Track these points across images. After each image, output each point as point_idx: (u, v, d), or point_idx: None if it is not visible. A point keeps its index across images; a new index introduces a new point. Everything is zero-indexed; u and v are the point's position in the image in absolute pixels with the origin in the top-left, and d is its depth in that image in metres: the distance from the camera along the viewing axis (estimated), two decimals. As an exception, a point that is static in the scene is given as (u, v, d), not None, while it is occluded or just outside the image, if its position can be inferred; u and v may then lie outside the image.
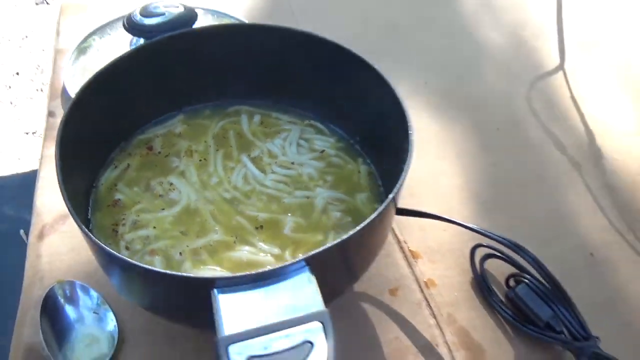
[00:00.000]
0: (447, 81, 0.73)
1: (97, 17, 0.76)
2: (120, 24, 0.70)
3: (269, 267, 0.31)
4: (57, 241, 0.52)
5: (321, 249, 0.32)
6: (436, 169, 0.61)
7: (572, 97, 0.73)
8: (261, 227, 0.44)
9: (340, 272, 0.39)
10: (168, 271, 0.32)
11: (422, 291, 0.50)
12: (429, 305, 0.49)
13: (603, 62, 0.78)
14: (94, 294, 0.47)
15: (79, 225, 0.34)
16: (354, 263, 0.40)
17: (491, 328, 0.47)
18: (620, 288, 0.52)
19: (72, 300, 0.47)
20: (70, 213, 0.35)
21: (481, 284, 0.49)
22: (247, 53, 0.53)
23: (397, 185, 0.36)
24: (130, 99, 0.50)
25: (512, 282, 0.49)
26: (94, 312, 0.47)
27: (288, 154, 0.50)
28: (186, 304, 0.35)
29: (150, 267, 0.32)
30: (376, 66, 0.46)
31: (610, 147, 0.67)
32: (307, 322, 0.29)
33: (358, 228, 0.33)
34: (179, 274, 0.31)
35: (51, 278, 0.49)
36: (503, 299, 0.49)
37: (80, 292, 0.47)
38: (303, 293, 0.30)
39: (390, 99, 0.43)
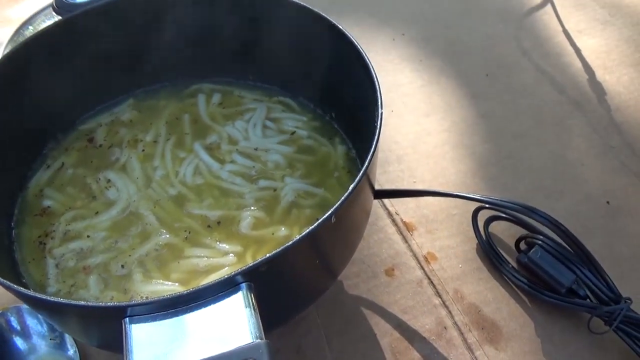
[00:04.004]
0: (426, 29, 0.66)
1: (34, 5, 0.67)
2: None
3: (189, 289, 0.24)
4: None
5: (259, 260, 0.25)
6: (423, 128, 0.55)
7: (565, 31, 0.66)
8: (218, 223, 0.38)
9: (299, 281, 0.31)
10: (67, 301, 0.25)
11: (422, 267, 0.43)
12: (431, 282, 0.43)
13: (594, -12, 0.71)
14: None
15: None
16: (319, 267, 0.32)
17: (505, 300, 0.41)
18: (644, 236, 0.46)
19: (21, 328, 0.41)
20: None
21: (488, 251, 0.43)
22: (199, 21, 0.45)
23: (362, 171, 0.29)
24: (63, 82, 0.42)
25: (523, 246, 0.43)
26: (50, 339, 0.41)
27: (251, 138, 0.43)
28: (107, 337, 0.28)
29: (47, 298, 0.25)
30: (341, 25, 0.39)
31: (612, 80, 0.60)
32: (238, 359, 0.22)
33: (307, 231, 0.26)
34: (79, 303, 0.24)
35: (-2, 305, 0.43)
36: (515, 266, 0.43)
37: (29, 319, 0.41)
38: (234, 319, 0.23)
39: (359, 65, 0.36)
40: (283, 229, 0.37)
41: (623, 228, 0.47)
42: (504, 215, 0.44)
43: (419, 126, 0.55)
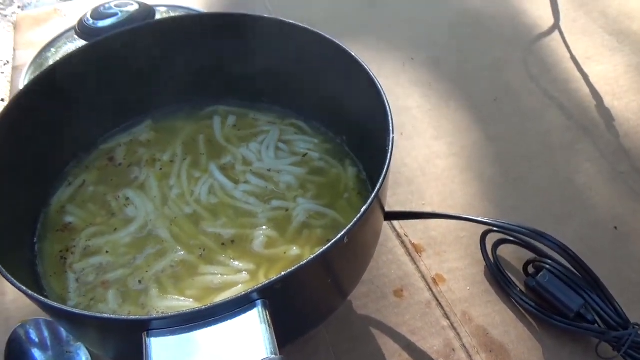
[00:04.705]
0: (436, 54, 0.67)
1: (56, 28, 0.70)
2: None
3: (207, 305, 0.25)
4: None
5: (275, 277, 0.26)
6: (432, 151, 0.56)
7: (573, 57, 0.67)
8: (232, 242, 0.39)
9: (311, 299, 0.32)
10: (91, 313, 0.26)
11: (430, 289, 0.44)
12: (439, 304, 0.43)
13: (601, 16, 0.72)
14: (62, 331, 0.41)
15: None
16: (331, 286, 0.33)
17: (513, 323, 0.42)
18: (652, 262, 0.46)
19: (39, 340, 0.42)
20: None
21: (496, 274, 0.44)
22: (214, 47, 0.47)
23: (374, 193, 0.30)
24: (86, 104, 0.44)
25: (531, 269, 0.43)
26: (66, 352, 0.42)
27: (264, 159, 0.45)
28: (124, 350, 0.29)
29: (68, 309, 0.26)
30: (353, 52, 0.40)
31: (621, 107, 0.61)
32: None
33: (321, 250, 0.27)
34: (103, 316, 0.26)
35: (17, 318, 0.44)
36: (523, 289, 0.43)
37: (47, 331, 0.42)
38: (250, 335, 0.24)
39: (372, 91, 0.38)
40: (295, 248, 0.38)
41: (631, 254, 0.47)
42: (512, 238, 0.44)
43: (428, 149, 0.56)
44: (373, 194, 0.30)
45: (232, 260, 0.38)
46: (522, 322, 0.42)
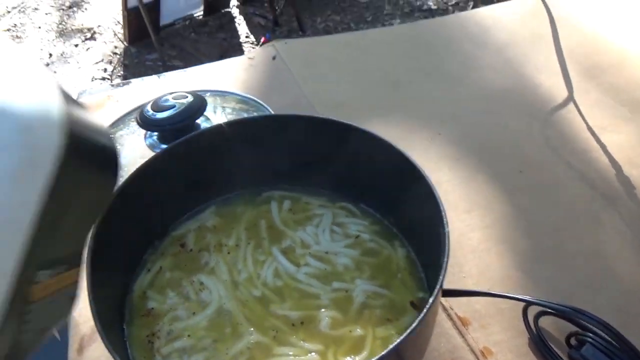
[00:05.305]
0: (460, 129, 0.73)
1: (111, 114, 0.77)
2: (132, 116, 0.72)
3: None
4: (98, 352, 0.50)
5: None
6: (466, 224, 0.60)
7: (589, 128, 0.73)
8: (301, 323, 0.43)
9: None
10: None
11: (480, 362, 0.47)
12: (490, 377, 0.46)
13: (611, 87, 0.78)
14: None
15: (106, 347, 0.33)
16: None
17: (560, 394, 0.45)
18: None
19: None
20: (99, 333, 0.34)
21: (540, 346, 0.47)
22: (269, 141, 0.53)
23: (437, 285, 0.35)
24: (161, 199, 0.49)
25: (573, 341, 0.47)
26: None
27: (322, 242, 0.49)
28: None
29: None
30: (407, 153, 0.45)
31: (638, 174, 0.65)
32: None
33: (391, 347, 0.32)
34: None
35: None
36: (566, 360, 0.46)
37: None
38: None
39: (419, 181, 0.43)
40: (358, 329, 0.42)
41: (665, 322, 0.50)
42: (552, 311, 0.48)
43: (462, 222, 0.60)
44: (436, 290, 0.35)
45: (302, 342, 0.42)
46: (568, 392, 0.45)
